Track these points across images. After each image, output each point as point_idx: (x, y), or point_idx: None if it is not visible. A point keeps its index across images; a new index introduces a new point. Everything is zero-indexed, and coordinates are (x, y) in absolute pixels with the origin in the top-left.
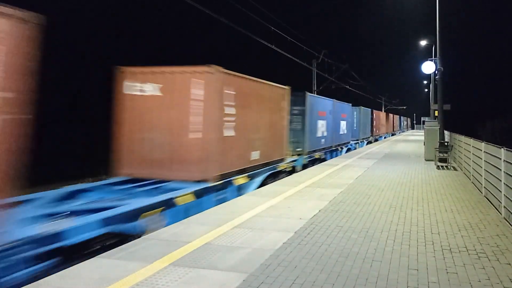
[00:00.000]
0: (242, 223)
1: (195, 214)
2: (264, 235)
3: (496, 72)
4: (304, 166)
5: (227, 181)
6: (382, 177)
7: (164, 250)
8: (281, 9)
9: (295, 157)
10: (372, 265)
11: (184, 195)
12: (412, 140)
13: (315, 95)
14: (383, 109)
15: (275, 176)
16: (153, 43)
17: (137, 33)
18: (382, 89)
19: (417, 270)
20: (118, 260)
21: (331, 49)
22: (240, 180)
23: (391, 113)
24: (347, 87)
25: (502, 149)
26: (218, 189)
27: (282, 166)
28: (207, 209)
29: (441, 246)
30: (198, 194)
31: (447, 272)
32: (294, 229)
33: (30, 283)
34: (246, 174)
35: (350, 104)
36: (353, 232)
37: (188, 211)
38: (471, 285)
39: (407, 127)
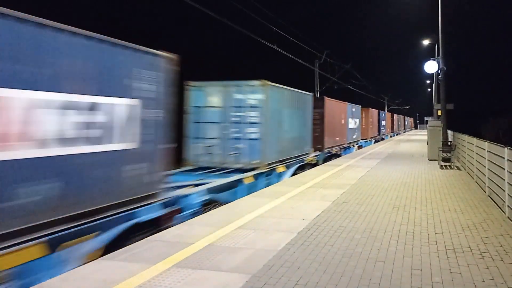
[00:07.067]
0: (245, 224)
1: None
2: (267, 236)
3: (499, 71)
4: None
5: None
6: (385, 177)
7: (167, 251)
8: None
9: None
10: (375, 265)
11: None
12: (415, 140)
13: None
14: (386, 109)
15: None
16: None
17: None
18: (385, 89)
19: (421, 270)
20: (121, 262)
21: (334, 49)
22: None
23: (394, 113)
24: (350, 87)
25: (506, 148)
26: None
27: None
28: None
29: (445, 246)
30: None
31: (451, 272)
32: (297, 229)
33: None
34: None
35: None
36: (356, 233)
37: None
38: (475, 285)
39: (411, 127)
